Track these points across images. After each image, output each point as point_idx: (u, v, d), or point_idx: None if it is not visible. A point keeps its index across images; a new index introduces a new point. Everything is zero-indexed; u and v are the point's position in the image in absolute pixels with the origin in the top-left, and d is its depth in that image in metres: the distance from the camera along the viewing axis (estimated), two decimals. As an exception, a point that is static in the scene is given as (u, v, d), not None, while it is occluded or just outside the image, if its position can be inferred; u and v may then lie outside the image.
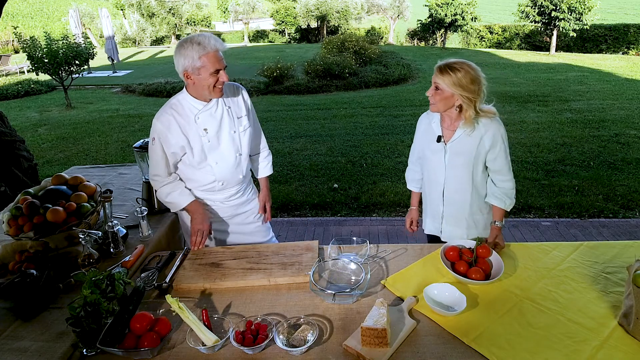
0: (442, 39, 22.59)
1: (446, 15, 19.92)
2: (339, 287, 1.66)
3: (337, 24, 28.49)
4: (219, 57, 1.85)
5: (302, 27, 30.55)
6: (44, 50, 10.06)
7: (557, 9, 16.61)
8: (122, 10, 35.15)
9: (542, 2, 16.96)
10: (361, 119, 8.70)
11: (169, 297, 1.43)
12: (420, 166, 2.21)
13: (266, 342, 1.35)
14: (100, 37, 27.45)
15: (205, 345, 1.36)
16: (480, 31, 24.56)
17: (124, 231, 2.07)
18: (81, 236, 1.71)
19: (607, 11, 25.94)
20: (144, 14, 29.70)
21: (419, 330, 1.44)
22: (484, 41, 24.74)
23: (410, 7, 26.95)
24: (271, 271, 1.77)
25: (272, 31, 32.71)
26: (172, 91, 11.71)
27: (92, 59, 11.12)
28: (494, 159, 1.94)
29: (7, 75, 16.77)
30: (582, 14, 16.47)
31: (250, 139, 2.16)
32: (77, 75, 10.84)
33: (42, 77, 13.00)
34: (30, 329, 1.49)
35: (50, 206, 1.96)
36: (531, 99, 9.79)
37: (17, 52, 24.55)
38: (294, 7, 29.97)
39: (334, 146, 6.91)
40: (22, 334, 1.47)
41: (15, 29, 12.88)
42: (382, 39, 27.40)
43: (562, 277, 1.70)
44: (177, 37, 30.57)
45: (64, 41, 10.42)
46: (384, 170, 5.76)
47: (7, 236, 1.95)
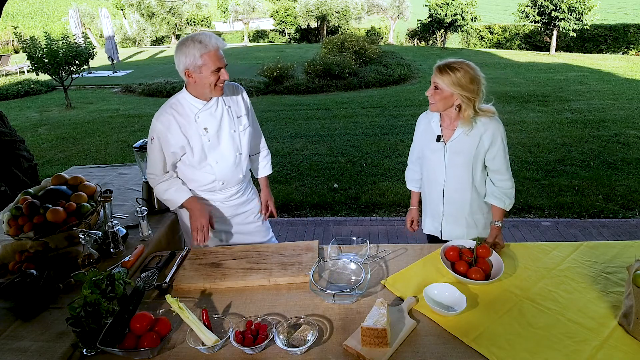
0: (442, 39, 22.59)
1: (446, 15, 19.92)
2: (339, 287, 1.66)
3: (337, 24, 28.49)
4: (220, 55, 1.86)
5: (302, 27, 30.55)
6: (44, 50, 10.06)
7: (557, 9, 16.61)
8: (122, 10, 35.16)
9: (542, 2, 16.96)
10: (361, 119, 8.70)
11: (169, 297, 1.43)
12: (419, 166, 2.21)
13: (266, 342, 1.35)
14: (100, 37, 27.45)
15: (205, 345, 1.36)
16: (480, 31, 24.56)
17: (124, 231, 2.07)
18: (81, 236, 1.71)
19: (607, 11, 25.94)
20: (144, 14, 29.71)
21: (419, 330, 1.44)
22: (484, 41, 24.74)
23: (410, 7, 26.95)
24: (271, 271, 1.77)
25: (272, 31, 32.71)
26: (172, 91, 11.70)
27: (92, 59, 11.12)
28: (493, 158, 1.94)
29: (7, 75, 16.77)
30: (582, 14, 16.47)
31: (249, 139, 2.16)
32: (77, 75, 10.83)
33: (42, 77, 12.99)
34: (30, 329, 1.49)
35: (50, 206, 1.96)
36: (531, 99, 9.79)
37: (17, 52, 24.55)
38: (294, 7, 29.97)
39: (334, 146, 6.91)
40: (22, 334, 1.46)
41: (15, 29, 12.89)
42: (382, 39, 27.40)
43: (562, 277, 1.70)
44: (177, 37, 30.57)
45: (64, 41, 10.41)
46: (384, 170, 5.76)
47: (7, 236, 1.95)
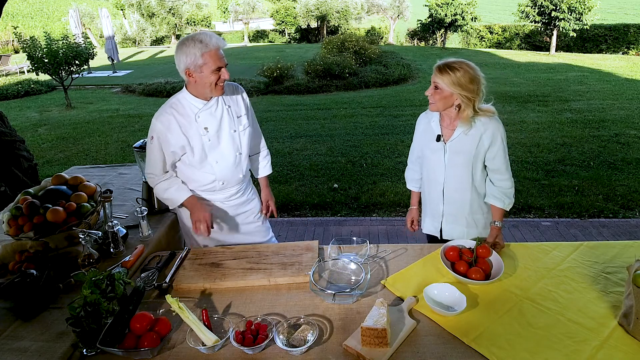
0: (442, 39, 22.59)
1: (446, 15, 19.93)
2: (339, 287, 1.66)
3: (337, 24, 28.49)
4: (221, 54, 1.87)
5: (302, 27, 30.55)
6: (44, 50, 10.06)
7: (557, 9, 16.62)
8: (122, 10, 35.17)
9: (542, 2, 16.96)
10: (361, 119, 8.70)
11: (169, 297, 1.43)
12: (419, 166, 2.21)
13: (266, 342, 1.35)
14: (100, 37, 27.45)
15: (205, 345, 1.36)
16: (480, 31, 24.56)
17: (124, 231, 2.07)
18: (81, 236, 1.71)
19: (607, 11, 25.94)
20: (144, 14, 29.71)
21: (419, 330, 1.44)
22: (484, 41, 24.74)
23: (410, 7, 26.95)
24: (271, 271, 1.77)
25: (272, 31, 32.71)
26: (172, 91, 11.70)
27: (92, 59, 11.12)
28: (493, 157, 1.94)
29: (7, 75, 16.77)
30: (582, 14, 16.47)
31: (249, 139, 2.17)
32: (77, 75, 10.83)
33: (42, 77, 12.99)
34: (30, 329, 1.49)
35: (50, 206, 1.96)
36: (531, 99, 9.79)
37: (17, 52, 24.55)
38: (294, 7, 29.97)
39: (334, 146, 6.91)
40: (22, 334, 1.46)
41: (15, 29, 12.90)
42: (382, 39, 27.40)
43: (562, 277, 1.70)
44: (177, 37, 30.57)
45: (64, 41, 10.41)
46: (384, 170, 5.76)
47: (7, 236, 1.95)
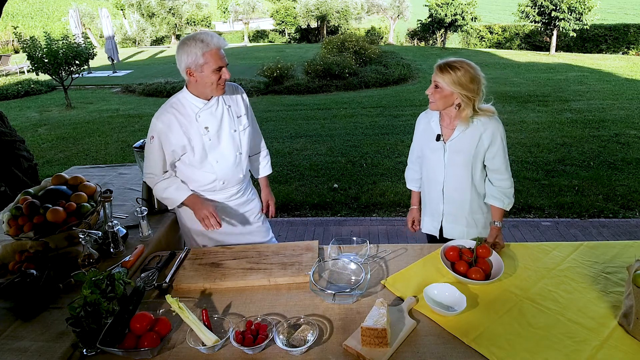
0: (442, 39, 22.59)
1: (446, 15, 19.93)
2: (339, 287, 1.66)
3: (337, 24, 28.49)
4: (221, 54, 1.87)
5: (302, 27, 30.55)
6: (44, 50, 10.06)
7: (557, 9, 16.62)
8: (122, 10, 35.17)
9: (542, 2, 16.96)
10: (361, 119, 8.70)
11: (169, 297, 1.43)
12: (419, 165, 2.21)
13: (266, 342, 1.35)
14: (100, 37, 27.46)
15: (205, 345, 1.36)
16: (480, 31, 24.56)
17: (124, 231, 2.07)
18: (81, 236, 1.71)
19: (607, 11, 25.94)
20: (144, 14, 29.71)
21: (419, 330, 1.44)
22: (484, 41, 24.74)
23: (410, 7, 26.95)
24: (271, 271, 1.77)
25: (272, 31, 32.71)
26: (172, 91, 11.70)
27: (92, 59, 11.11)
28: (493, 157, 1.94)
29: (7, 75, 16.77)
30: (582, 14, 16.47)
31: (249, 139, 2.17)
32: (77, 75, 10.83)
33: (42, 77, 12.99)
34: (30, 329, 1.49)
35: (50, 206, 1.96)
36: (531, 99, 9.79)
37: (17, 52, 24.55)
38: (294, 7, 29.97)
39: (334, 146, 6.91)
40: (22, 334, 1.46)
41: (15, 29, 12.88)
42: (382, 39, 27.40)
43: (562, 277, 1.70)
44: (177, 37, 30.57)
45: (64, 41, 10.41)
46: (384, 170, 5.76)
47: (7, 236, 1.95)
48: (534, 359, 1.30)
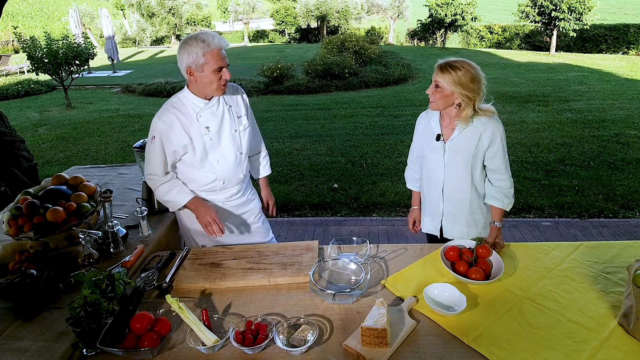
0: (442, 39, 22.59)
1: (446, 15, 19.93)
2: (339, 287, 1.66)
3: (337, 24, 28.49)
4: (222, 54, 1.87)
5: (302, 27, 30.55)
6: (44, 50, 10.06)
7: (557, 9, 16.62)
8: (122, 10, 35.18)
9: (542, 2, 16.96)
10: (361, 119, 8.71)
11: (169, 297, 1.43)
12: (419, 165, 2.21)
13: (266, 342, 1.35)
14: (100, 37, 27.45)
15: (205, 345, 1.36)
16: (480, 31, 24.56)
17: (124, 231, 2.07)
18: (81, 236, 1.71)
19: (607, 11, 25.94)
20: (144, 14, 29.71)
21: (419, 330, 1.44)
22: (484, 41, 24.74)
23: (410, 7, 26.95)
24: (271, 271, 1.77)
25: (272, 31, 32.71)
26: (172, 91, 11.70)
27: (92, 59, 11.12)
28: (492, 157, 1.94)
29: (7, 75, 16.77)
30: (582, 14, 16.47)
31: (249, 139, 2.17)
32: (77, 75, 10.83)
33: (42, 77, 12.99)
34: (30, 329, 1.48)
35: (50, 206, 1.96)
36: (531, 99, 9.79)
37: (17, 52, 24.55)
38: (294, 7, 29.97)
39: (334, 146, 6.91)
40: (22, 334, 1.46)
41: (15, 29, 12.88)
42: (382, 39, 27.40)
43: (562, 277, 1.70)
44: (177, 37, 30.57)
45: (64, 41, 10.41)
46: (384, 170, 5.76)
47: (7, 236, 1.94)
48: (534, 359, 1.30)
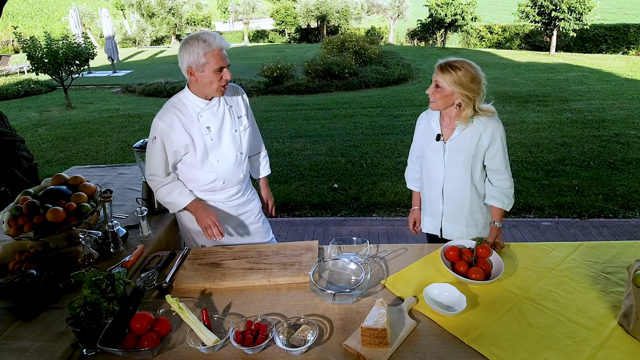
0: (442, 39, 22.59)
1: (446, 15, 19.92)
2: (339, 287, 1.66)
3: (337, 24, 28.49)
4: (223, 55, 1.87)
5: (302, 27, 30.55)
6: (44, 50, 10.06)
7: (557, 9, 16.61)
8: (122, 10, 35.18)
9: (542, 2, 16.96)
10: (361, 119, 8.71)
11: (169, 297, 1.43)
12: (420, 165, 2.21)
13: (266, 342, 1.35)
14: (100, 37, 27.44)
15: (205, 345, 1.36)
16: (480, 31, 24.56)
17: (124, 231, 2.07)
18: (81, 236, 1.71)
19: (607, 11, 25.94)
20: (144, 14, 29.72)
21: (419, 330, 1.44)
22: (484, 41, 24.74)
23: (410, 7, 26.95)
24: (271, 271, 1.77)
25: (272, 31, 32.71)
26: (172, 91, 11.71)
27: (92, 59, 11.11)
28: (492, 157, 1.94)
29: (7, 75, 16.77)
30: (582, 14, 16.47)
31: (249, 139, 2.17)
32: (77, 75, 10.83)
33: (42, 77, 12.99)
34: (30, 329, 1.49)
35: (50, 206, 1.96)
36: (531, 99, 9.79)
37: (17, 52, 24.55)
38: (294, 7, 29.97)
39: (334, 146, 6.91)
40: (22, 334, 1.46)
41: (15, 29, 12.88)
42: (382, 39, 27.40)
43: (562, 277, 1.70)
44: (177, 37, 30.58)
45: (64, 41, 10.41)
46: (384, 170, 5.76)
47: (7, 236, 1.95)
48: (534, 359, 1.30)
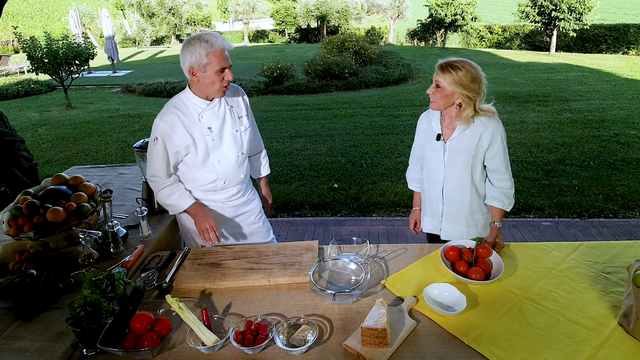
0: (442, 39, 22.59)
1: (446, 15, 19.92)
2: (339, 287, 1.66)
3: (337, 24, 28.49)
4: (225, 56, 1.87)
5: (302, 27, 30.55)
6: (44, 50, 10.06)
7: (557, 9, 16.61)
8: (122, 10, 35.18)
9: (542, 2, 16.96)
10: (361, 119, 8.70)
11: (169, 297, 1.43)
12: (420, 165, 2.21)
13: (266, 342, 1.35)
14: (100, 37, 27.44)
15: (205, 345, 1.36)
16: (480, 31, 24.56)
17: (124, 231, 2.07)
18: (81, 236, 1.71)
19: (607, 11, 25.93)
20: (144, 14, 29.72)
21: (419, 330, 1.44)
22: (484, 41, 24.74)
23: (410, 7, 26.95)
24: (271, 271, 1.77)
25: (272, 31, 32.71)
26: (172, 91, 11.71)
27: (92, 59, 11.11)
28: (493, 157, 1.94)
29: (7, 75, 16.77)
30: (582, 14, 16.47)
31: (250, 139, 2.17)
32: (77, 75, 10.83)
33: (42, 77, 12.99)
34: (30, 329, 1.49)
35: (50, 206, 1.96)
36: (531, 99, 9.79)
37: (17, 52, 24.55)
38: (294, 7, 29.97)
39: (334, 146, 6.91)
40: (22, 334, 1.46)
41: (15, 29, 12.86)
42: (382, 39, 27.39)
43: (562, 277, 1.70)
44: (177, 37, 30.58)
45: (64, 41, 10.41)
46: (384, 170, 5.76)
47: (7, 236, 1.95)
48: (534, 359, 1.30)
